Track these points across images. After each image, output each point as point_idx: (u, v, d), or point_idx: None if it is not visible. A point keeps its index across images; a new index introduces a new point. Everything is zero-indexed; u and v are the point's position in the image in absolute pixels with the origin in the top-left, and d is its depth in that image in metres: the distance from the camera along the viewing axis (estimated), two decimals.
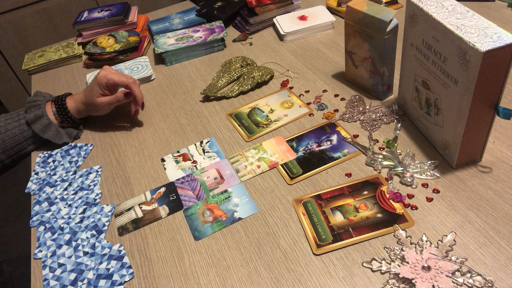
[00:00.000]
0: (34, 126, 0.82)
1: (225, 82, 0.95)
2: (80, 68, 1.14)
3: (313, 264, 0.57)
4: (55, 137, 0.84)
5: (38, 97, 0.87)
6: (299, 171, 0.71)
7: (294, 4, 1.17)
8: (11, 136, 0.82)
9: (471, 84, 0.55)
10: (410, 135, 0.73)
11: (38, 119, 0.83)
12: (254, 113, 0.86)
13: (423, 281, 0.51)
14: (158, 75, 1.05)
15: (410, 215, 0.61)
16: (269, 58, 1.02)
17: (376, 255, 0.57)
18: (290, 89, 0.91)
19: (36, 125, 0.83)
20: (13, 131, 0.82)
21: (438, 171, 0.66)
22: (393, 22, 0.73)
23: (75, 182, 0.77)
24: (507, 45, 0.52)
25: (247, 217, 0.66)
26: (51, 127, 0.84)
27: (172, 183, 0.74)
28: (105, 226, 0.68)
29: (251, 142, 0.79)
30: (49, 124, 0.84)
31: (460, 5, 0.61)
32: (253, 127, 0.82)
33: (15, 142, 0.83)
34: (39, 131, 0.82)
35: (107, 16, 1.19)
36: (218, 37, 1.06)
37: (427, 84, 0.67)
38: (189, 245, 0.64)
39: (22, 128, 0.83)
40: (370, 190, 0.65)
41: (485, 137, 0.63)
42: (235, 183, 0.71)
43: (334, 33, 1.07)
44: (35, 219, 0.72)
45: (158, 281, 0.60)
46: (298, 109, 0.84)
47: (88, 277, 0.61)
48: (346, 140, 0.75)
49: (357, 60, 0.83)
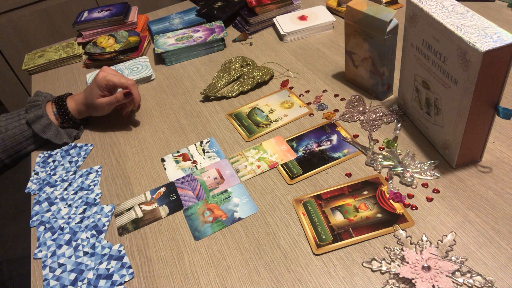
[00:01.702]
0: (34, 126, 0.82)
1: (225, 82, 0.95)
2: (80, 68, 1.14)
3: (313, 264, 0.57)
4: (55, 137, 0.84)
5: (38, 97, 0.87)
6: (299, 171, 0.71)
7: (294, 4, 1.17)
8: (11, 136, 0.82)
9: (471, 84, 0.55)
10: (410, 135, 0.73)
11: (38, 119, 0.83)
12: (254, 113, 0.86)
13: (423, 281, 0.51)
14: (158, 75, 1.05)
15: (410, 215, 0.61)
16: (269, 58, 1.02)
17: (376, 255, 0.57)
18: (290, 89, 0.91)
19: (36, 125, 0.83)
20: (14, 130, 0.82)
21: (438, 171, 0.66)
22: (393, 22, 0.73)
23: (75, 182, 0.77)
24: (507, 45, 0.52)
25: (247, 217, 0.66)
26: (51, 127, 0.84)
27: (172, 183, 0.74)
28: (105, 226, 0.68)
29: (251, 142, 0.79)
30: (49, 124, 0.84)
31: (460, 5, 0.61)
32: (253, 127, 0.82)
33: (15, 141, 0.83)
34: (39, 131, 0.82)
35: (107, 16, 1.19)
36: (218, 37, 1.06)
37: (427, 84, 0.67)
38: (189, 245, 0.64)
39: (22, 128, 0.83)
40: (370, 190, 0.65)
41: (485, 137, 0.63)
42: (235, 183, 0.71)
43: (334, 33, 1.07)
44: (35, 219, 0.72)
45: (158, 281, 0.60)
46: (298, 109, 0.84)
47: (88, 277, 0.61)
48: (346, 140, 0.75)
49: (357, 60, 0.83)
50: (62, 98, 0.87)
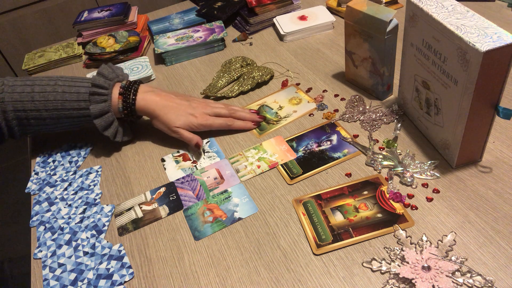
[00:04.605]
0: (97, 121, 0.75)
1: (225, 82, 0.95)
2: (80, 68, 1.14)
3: (313, 264, 0.57)
4: (113, 136, 0.78)
5: (104, 81, 0.76)
6: (299, 171, 0.71)
7: (294, 4, 1.17)
8: (67, 100, 0.74)
9: (471, 84, 0.55)
10: (410, 135, 0.73)
11: (102, 114, 0.76)
12: (263, 110, 0.86)
13: (423, 281, 0.51)
14: (158, 75, 1.05)
15: (410, 215, 0.61)
16: (269, 58, 1.02)
17: (376, 255, 0.57)
18: (297, 85, 0.91)
19: (100, 121, 0.76)
20: (71, 99, 0.73)
21: (438, 171, 0.66)
22: (393, 22, 0.73)
23: (75, 182, 0.77)
24: (507, 45, 0.52)
25: (247, 217, 0.66)
26: (113, 125, 0.78)
27: (172, 183, 0.74)
28: (105, 226, 0.68)
29: (251, 142, 0.79)
30: (113, 121, 0.77)
31: (460, 5, 0.61)
32: (264, 124, 0.82)
33: (65, 110, 0.74)
34: (101, 127, 0.76)
35: (107, 16, 1.19)
36: (218, 37, 1.06)
37: (427, 84, 0.67)
38: (189, 245, 0.64)
39: (80, 105, 0.75)
40: (370, 190, 0.65)
41: (485, 137, 0.63)
42: (235, 183, 0.71)
43: (334, 33, 1.07)
44: (35, 219, 0.72)
45: (158, 281, 0.60)
46: (307, 105, 0.85)
47: (88, 277, 0.61)
48: (346, 140, 0.75)
49: (357, 60, 0.83)
50: (133, 92, 0.77)
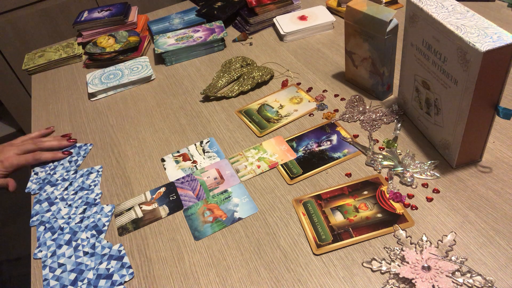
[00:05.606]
0: None
1: (225, 82, 0.95)
2: (80, 68, 1.14)
3: (313, 264, 0.57)
4: None
5: None
6: (299, 171, 0.71)
7: (294, 4, 1.16)
8: None
9: (471, 84, 0.55)
10: (410, 135, 0.73)
11: None
12: (263, 109, 0.86)
13: (423, 281, 0.51)
14: (158, 75, 1.05)
15: (410, 215, 0.61)
16: (269, 58, 1.02)
17: (376, 255, 0.57)
18: (298, 85, 0.91)
19: None
20: None
21: (438, 171, 0.66)
22: (393, 22, 0.73)
23: (75, 182, 0.77)
24: (507, 45, 0.52)
25: (247, 217, 0.66)
26: None
27: (172, 183, 0.74)
28: (105, 226, 0.68)
29: (251, 142, 0.79)
30: None
31: (460, 5, 0.61)
32: (264, 123, 0.82)
33: None
34: None
35: (107, 16, 1.19)
36: (218, 37, 1.06)
37: (427, 84, 0.67)
38: (189, 245, 0.64)
39: None
40: (370, 190, 0.65)
41: (485, 137, 0.63)
42: (235, 183, 0.71)
43: (334, 33, 1.07)
44: (35, 219, 0.72)
45: (158, 281, 0.60)
46: (308, 104, 0.85)
47: (88, 277, 0.61)
48: (346, 140, 0.75)
49: (357, 60, 0.83)
50: None
